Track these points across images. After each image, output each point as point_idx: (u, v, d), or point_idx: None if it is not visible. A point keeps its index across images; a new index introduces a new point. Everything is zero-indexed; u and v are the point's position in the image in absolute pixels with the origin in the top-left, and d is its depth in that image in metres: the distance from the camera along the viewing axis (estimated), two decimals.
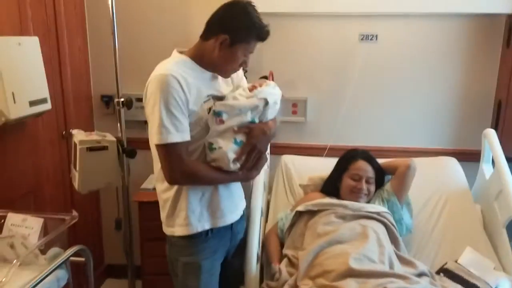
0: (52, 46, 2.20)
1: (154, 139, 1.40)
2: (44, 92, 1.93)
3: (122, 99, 2.00)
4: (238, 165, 1.49)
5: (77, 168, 1.76)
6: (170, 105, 1.37)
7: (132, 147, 1.93)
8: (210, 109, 1.49)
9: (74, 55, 2.40)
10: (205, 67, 1.52)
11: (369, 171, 1.94)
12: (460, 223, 1.99)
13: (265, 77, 2.36)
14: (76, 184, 1.79)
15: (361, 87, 2.45)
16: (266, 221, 2.09)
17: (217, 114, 1.46)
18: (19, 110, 1.75)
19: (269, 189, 2.26)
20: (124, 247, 2.20)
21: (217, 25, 1.48)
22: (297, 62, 2.48)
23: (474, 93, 2.40)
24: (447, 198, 2.09)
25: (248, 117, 1.50)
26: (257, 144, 1.52)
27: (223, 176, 1.52)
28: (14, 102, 1.71)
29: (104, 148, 1.75)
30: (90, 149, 1.72)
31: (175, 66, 1.44)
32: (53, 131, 2.22)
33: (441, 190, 2.12)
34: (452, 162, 2.24)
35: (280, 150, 2.50)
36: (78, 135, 1.76)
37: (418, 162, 2.18)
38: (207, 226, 1.57)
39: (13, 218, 1.48)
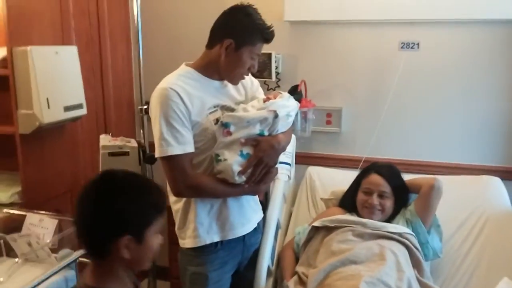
0: (95, 54, 2.34)
1: (156, 152, 1.43)
2: (80, 98, 2.05)
3: (146, 106, 2.07)
4: (243, 178, 1.47)
5: (100, 172, 1.84)
6: (170, 118, 1.39)
7: (152, 153, 1.99)
8: (217, 120, 1.48)
9: (117, 63, 2.53)
10: (211, 76, 1.52)
11: (382, 185, 1.82)
12: (499, 250, 1.81)
13: (295, 88, 2.33)
14: None
15: (400, 97, 2.32)
16: (286, 234, 2.04)
17: (225, 126, 1.46)
18: (53, 114, 1.88)
19: (293, 201, 2.21)
20: None
21: (220, 31, 1.48)
22: (333, 70, 2.40)
23: None
24: (485, 221, 1.91)
25: (256, 130, 1.48)
26: (264, 157, 1.48)
27: (229, 189, 1.50)
28: (48, 107, 1.84)
29: (126, 153, 1.82)
30: (112, 154, 1.80)
31: (177, 79, 1.46)
32: (93, 135, 2.35)
33: (480, 212, 1.94)
34: (495, 181, 2.04)
35: (313, 160, 2.45)
36: (103, 140, 1.85)
37: (456, 180, 2.04)
38: (216, 238, 1.56)
39: (31, 218, 1.59)
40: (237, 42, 1.45)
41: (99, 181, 1.04)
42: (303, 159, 2.46)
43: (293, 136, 2.25)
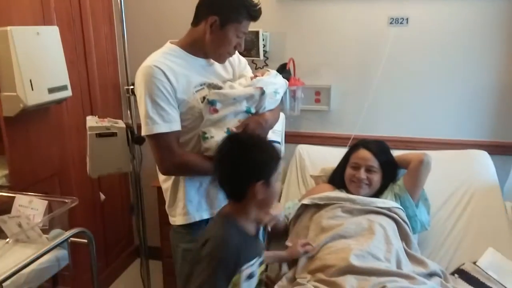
0: (77, 34, 2.28)
1: (142, 131, 1.42)
2: (64, 80, 2.01)
3: (132, 87, 2.04)
4: None
5: (87, 153, 1.82)
6: (155, 96, 1.38)
7: (140, 134, 1.98)
8: (204, 98, 1.47)
9: (100, 43, 2.48)
10: (197, 54, 1.50)
11: (370, 160, 1.83)
12: (485, 222, 1.84)
13: (284, 66, 2.32)
14: (87, 168, 1.87)
15: (389, 74, 2.32)
16: None
17: (211, 103, 1.45)
18: (37, 96, 1.84)
19: (283, 179, 2.22)
20: (137, 230, 2.28)
21: (205, 7, 1.45)
22: (321, 48, 2.39)
23: None
24: (472, 194, 1.94)
25: (243, 107, 1.47)
26: None
27: None
28: (32, 89, 1.80)
29: (113, 134, 1.79)
30: (99, 135, 1.77)
31: (162, 57, 1.44)
32: (79, 117, 2.31)
33: (467, 186, 1.97)
34: (482, 155, 2.07)
35: (302, 139, 2.45)
36: (90, 121, 1.83)
37: (444, 155, 2.07)
38: (205, 215, 1.58)
39: (21, 200, 1.58)
40: (222, 19, 1.42)
41: (231, 141, 1.28)
42: (293, 138, 2.46)
43: (283, 115, 2.25)
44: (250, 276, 1.25)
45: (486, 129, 2.26)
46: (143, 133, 1.42)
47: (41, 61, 1.87)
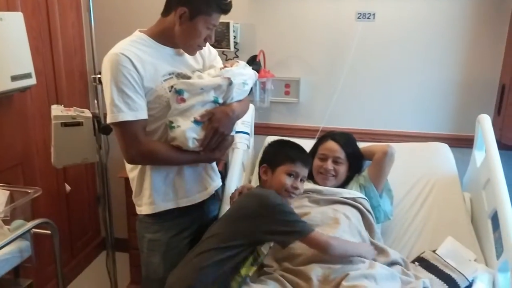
0: (42, 21, 2.22)
1: (107, 118, 1.40)
2: (28, 67, 1.95)
3: (99, 75, 2.01)
4: (196, 144, 1.46)
5: (52, 143, 1.78)
6: (121, 83, 1.36)
7: (107, 124, 1.95)
8: (172, 87, 1.46)
9: (67, 31, 2.41)
10: (166, 43, 1.49)
11: (337, 151, 1.87)
12: (444, 212, 1.91)
13: (254, 58, 2.33)
14: (52, 158, 1.83)
15: (357, 68, 2.37)
16: None
17: (178, 92, 1.44)
18: None
19: (252, 170, 2.23)
20: (104, 222, 2.25)
21: None
22: (291, 41, 2.41)
23: (476, 76, 2.28)
24: (433, 185, 2.01)
25: (210, 97, 1.47)
26: (219, 126, 1.48)
27: (183, 156, 1.50)
28: None
29: (79, 124, 1.76)
30: (65, 124, 1.74)
31: (130, 45, 1.42)
32: (44, 105, 2.25)
33: (428, 177, 2.03)
34: (443, 148, 2.14)
35: (271, 130, 2.47)
36: (55, 110, 1.78)
37: (407, 147, 2.12)
38: (171, 205, 1.57)
39: None
40: (191, 11, 1.41)
41: None
42: (262, 129, 2.48)
43: (252, 106, 2.26)
44: None
45: (447, 122, 2.35)
46: (108, 121, 1.40)
47: (4, 48, 1.82)
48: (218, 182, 1.76)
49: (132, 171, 1.58)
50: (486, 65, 2.25)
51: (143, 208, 1.58)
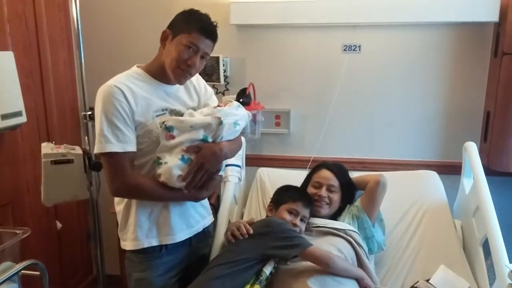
0: (33, 59, 2.24)
1: (95, 148, 1.40)
2: (19, 106, 1.97)
3: (90, 112, 2.02)
4: (183, 183, 1.45)
5: (42, 181, 1.78)
6: (111, 115, 1.38)
7: (98, 160, 1.96)
8: (163, 123, 1.48)
9: (58, 68, 2.44)
10: (161, 79, 1.52)
11: (331, 180, 1.90)
12: (436, 240, 1.92)
13: (244, 91, 2.36)
14: (41, 196, 1.82)
15: (345, 98, 2.41)
16: None
17: (168, 129, 1.45)
18: None
19: (244, 202, 2.23)
20: (95, 258, 2.22)
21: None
22: (280, 73, 2.46)
23: (461, 104, 2.33)
24: (424, 214, 2.02)
25: (200, 135, 1.48)
26: (205, 163, 1.46)
27: (169, 192, 1.47)
28: None
29: (70, 161, 1.76)
30: (55, 162, 1.74)
31: (124, 78, 1.45)
32: (34, 143, 2.25)
33: (418, 205, 2.05)
34: (432, 175, 2.16)
35: (263, 162, 2.49)
36: (45, 148, 1.79)
37: (397, 176, 2.14)
38: (154, 242, 1.55)
39: None
40: (173, 31, 1.46)
41: None
42: (254, 161, 2.50)
43: (243, 139, 2.28)
44: None
45: (435, 150, 2.39)
46: (95, 151, 1.40)
47: None
48: (208, 220, 1.73)
49: (119, 205, 1.57)
50: (470, 93, 2.31)
51: (127, 243, 1.56)
